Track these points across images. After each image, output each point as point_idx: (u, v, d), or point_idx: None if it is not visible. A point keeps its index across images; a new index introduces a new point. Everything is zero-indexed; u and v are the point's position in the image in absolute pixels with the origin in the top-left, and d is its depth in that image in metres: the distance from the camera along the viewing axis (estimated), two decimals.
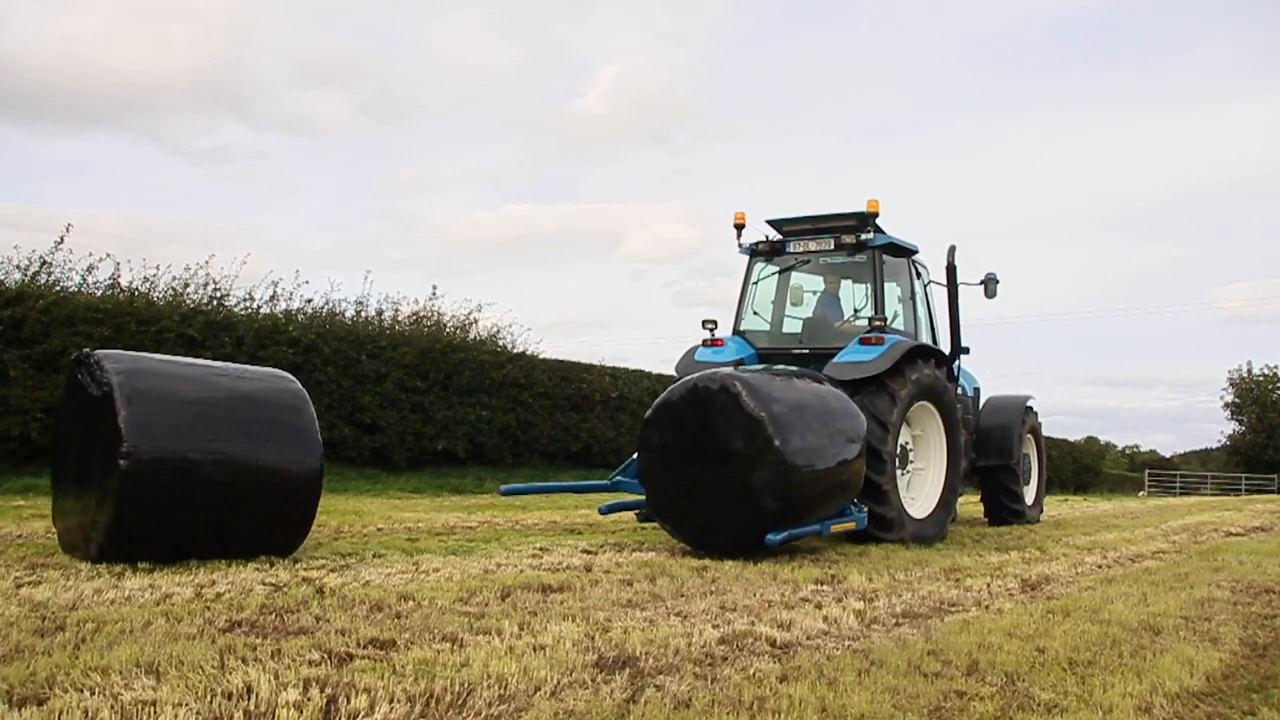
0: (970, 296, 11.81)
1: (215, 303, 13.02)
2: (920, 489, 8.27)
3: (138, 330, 11.61)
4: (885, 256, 8.61)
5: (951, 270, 9.41)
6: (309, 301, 14.29)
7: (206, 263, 13.49)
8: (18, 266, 11.25)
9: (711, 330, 8.85)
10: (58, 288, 11.42)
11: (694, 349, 8.79)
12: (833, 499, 6.68)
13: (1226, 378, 48.79)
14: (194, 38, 69.21)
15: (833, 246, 8.64)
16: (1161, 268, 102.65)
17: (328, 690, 2.69)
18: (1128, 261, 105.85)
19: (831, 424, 6.60)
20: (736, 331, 9.08)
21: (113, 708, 2.46)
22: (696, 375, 6.74)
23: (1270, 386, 46.77)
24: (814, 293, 9.30)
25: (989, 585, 5.47)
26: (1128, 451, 62.12)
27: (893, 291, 8.90)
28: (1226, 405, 48.49)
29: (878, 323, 8.19)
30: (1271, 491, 38.09)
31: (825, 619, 4.17)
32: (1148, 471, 44.41)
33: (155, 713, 2.45)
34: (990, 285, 9.58)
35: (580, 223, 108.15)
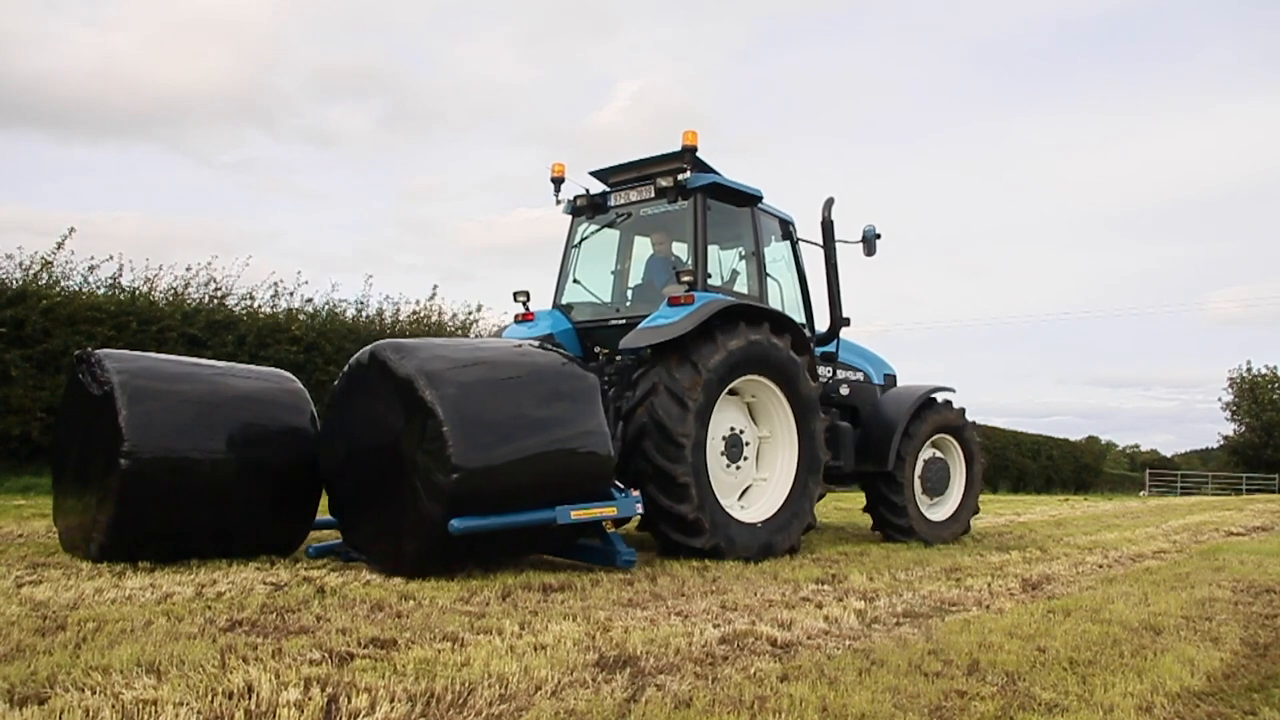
0: (967, 296, 11.60)
1: (216, 302, 13.02)
2: (758, 489, 6.79)
3: (139, 330, 11.62)
4: (712, 201, 7.04)
5: (827, 227, 8.02)
6: (309, 301, 14.29)
7: (209, 263, 13.50)
8: (19, 265, 11.28)
9: (524, 303, 7.54)
10: (59, 287, 11.43)
11: (504, 328, 7.71)
12: (556, 475, 5.23)
13: (1226, 378, 48.93)
14: (227, 55, 69.69)
15: (653, 194, 7.15)
16: (1161, 269, 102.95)
17: (328, 689, 2.68)
18: (1127, 262, 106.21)
19: (535, 383, 5.31)
20: (557, 305, 7.68)
21: (113, 707, 2.46)
22: (353, 358, 5.35)
23: (1269, 386, 46.81)
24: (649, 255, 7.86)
25: (990, 585, 5.47)
26: (1128, 451, 62.17)
27: (731, 249, 7.52)
28: (1225, 405, 48.63)
29: (687, 279, 6.57)
30: (1272, 491, 38.05)
31: (826, 618, 4.17)
32: (1148, 471, 44.40)
33: (156, 712, 2.45)
34: (870, 242, 8.22)
35: None
